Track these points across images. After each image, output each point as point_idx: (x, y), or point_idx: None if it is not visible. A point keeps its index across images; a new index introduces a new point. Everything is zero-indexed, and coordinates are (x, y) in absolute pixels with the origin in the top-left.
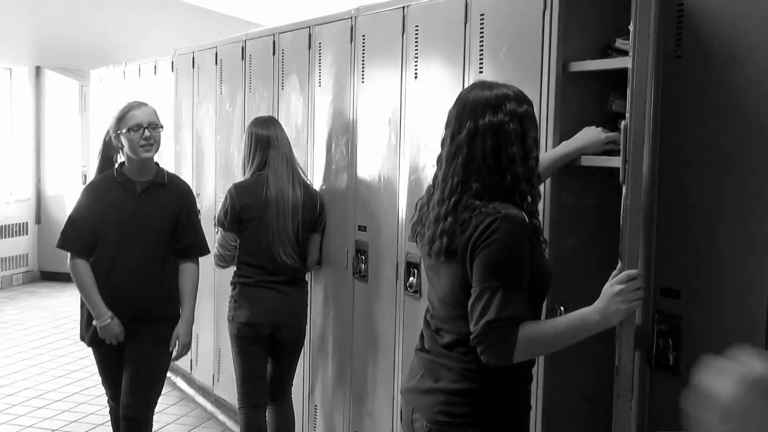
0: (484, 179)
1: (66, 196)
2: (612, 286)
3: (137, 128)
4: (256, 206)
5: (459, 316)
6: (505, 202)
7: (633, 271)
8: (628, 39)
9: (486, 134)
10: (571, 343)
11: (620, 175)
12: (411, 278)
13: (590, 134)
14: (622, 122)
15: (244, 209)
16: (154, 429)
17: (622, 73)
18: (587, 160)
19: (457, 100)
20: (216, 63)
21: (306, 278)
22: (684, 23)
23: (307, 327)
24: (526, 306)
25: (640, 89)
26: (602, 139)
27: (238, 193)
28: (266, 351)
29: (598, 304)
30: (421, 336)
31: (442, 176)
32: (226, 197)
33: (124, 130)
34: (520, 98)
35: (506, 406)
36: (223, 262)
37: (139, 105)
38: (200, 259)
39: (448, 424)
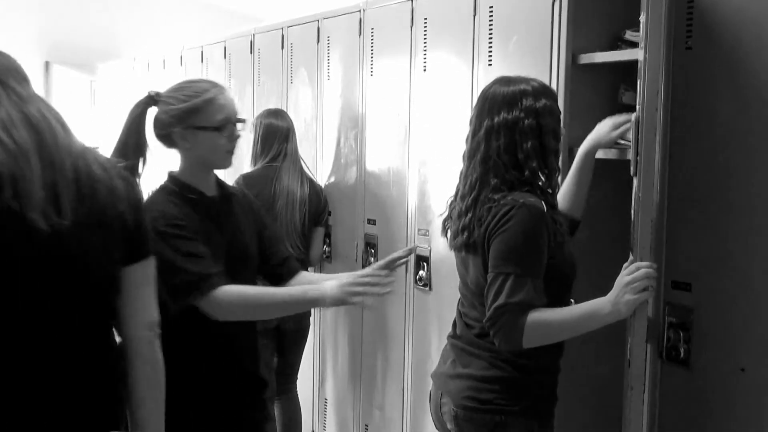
0: (501, 175)
1: None
2: (622, 278)
3: (225, 124)
4: (264, 198)
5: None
6: (526, 192)
7: (643, 263)
8: (638, 31)
9: (500, 131)
10: (583, 332)
11: (631, 168)
12: (421, 272)
13: (601, 128)
14: (633, 115)
15: None
16: None
17: (632, 64)
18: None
19: (479, 96)
20: (225, 57)
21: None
22: (694, 14)
23: (317, 321)
24: (540, 292)
25: (652, 81)
26: (613, 137)
27: (246, 183)
28: (273, 344)
29: (609, 295)
30: (454, 324)
31: (464, 173)
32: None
33: (203, 126)
34: (539, 93)
35: (532, 395)
36: None
37: (222, 88)
38: None
39: (474, 410)
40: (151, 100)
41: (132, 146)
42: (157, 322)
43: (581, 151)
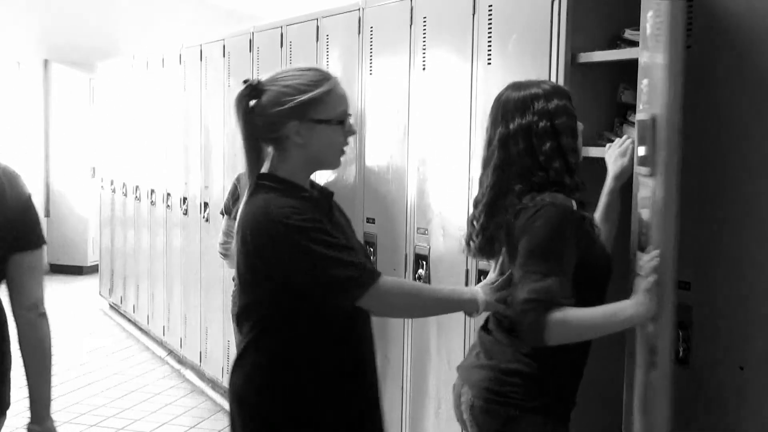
0: (528, 179)
1: (75, 190)
2: (638, 278)
3: (345, 117)
4: None
5: None
6: (555, 192)
7: (646, 255)
8: (638, 30)
9: (517, 137)
10: (608, 332)
11: (634, 165)
12: (420, 270)
13: (613, 162)
14: (635, 115)
15: None
16: (166, 421)
17: (631, 63)
18: (596, 152)
19: (492, 104)
20: (224, 56)
21: None
22: (694, 14)
23: None
24: (566, 290)
25: (672, 83)
26: (627, 165)
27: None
28: None
29: (632, 296)
30: (487, 319)
31: (479, 180)
32: (233, 185)
33: (326, 119)
34: (551, 94)
35: (550, 395)
36: (229, 252)
37: (335, 78)
38: (206, 252)
39: (490, 401)
40: (254, 90)
41: (256, 155)
42: (37, 302)
43: (605, 190)
